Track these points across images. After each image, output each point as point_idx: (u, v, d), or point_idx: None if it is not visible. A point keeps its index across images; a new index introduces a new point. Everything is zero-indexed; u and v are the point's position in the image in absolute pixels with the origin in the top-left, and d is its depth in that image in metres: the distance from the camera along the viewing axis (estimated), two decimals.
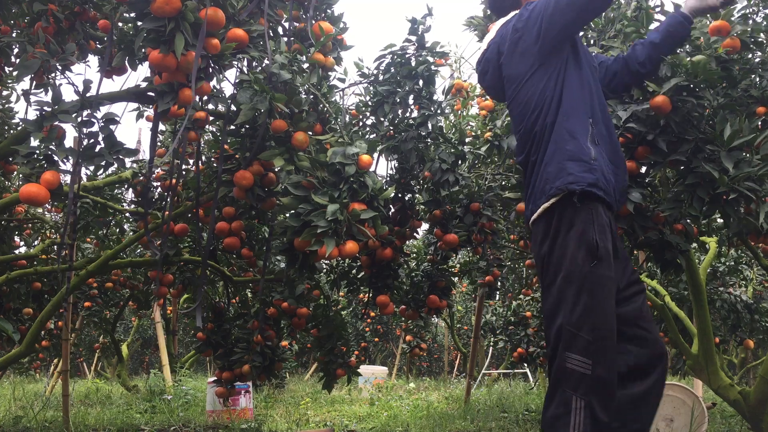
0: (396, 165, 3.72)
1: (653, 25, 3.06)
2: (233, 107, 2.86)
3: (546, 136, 2.24)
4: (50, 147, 2.32)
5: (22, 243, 5.31)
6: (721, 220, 3.40)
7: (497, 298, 8.13)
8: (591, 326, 2.07)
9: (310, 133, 2.85)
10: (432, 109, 3.44)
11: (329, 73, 3.06)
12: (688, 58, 2.55)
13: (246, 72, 2.80)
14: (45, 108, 2.32)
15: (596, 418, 2.03)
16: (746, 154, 2.58)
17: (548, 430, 2.09)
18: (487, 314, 7.83)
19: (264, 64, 2.77)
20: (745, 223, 2.72)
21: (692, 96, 2.58)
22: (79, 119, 2.38)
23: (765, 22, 2.92)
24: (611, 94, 2.67)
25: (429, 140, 3.49)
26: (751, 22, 2.91)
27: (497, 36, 2.46)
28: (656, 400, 2.24)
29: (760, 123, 2.75)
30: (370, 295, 3.74)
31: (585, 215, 2.13)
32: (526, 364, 7.80)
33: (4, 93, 3.95)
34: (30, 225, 5.18)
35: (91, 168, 3.33)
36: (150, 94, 2.73)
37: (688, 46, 2.68)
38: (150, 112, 4.04)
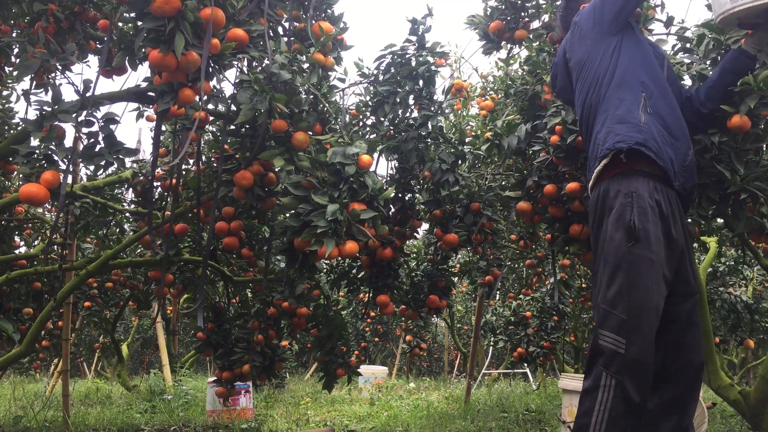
0: (396, 165, 3.72)
1: (653, 25, 3.06)
2: (233, 107, 2.86)
3: (599, 106, 2.35)
4: (50, 147, 2.32)
5: (22, 243, 5.30)
6: (721, 220, 3.40)
7: (497, 298, 8.12)
8: (626, 305, 2.09)
9: (310, 133, 2.85)
10: (432, 109, 3.44)
11: (329, 73, 3.06)
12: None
13: (246, 72, 2.80)
14: (45, 108, 2.32)
15: (628, 398, 2.04)
16: (754, 155, 2.60)
17: (581, 403, 2.14)
18: (487, 314, 7.83)
19: (264, 64, 2.77)
20: (751, 222, 2.73)
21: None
22: (79, 119, 2.38)
23: None
24: None
25: (429, 140, 3.49)
26: None
27: (563, 42, 2.68)
28: None
29: (762, 125, 2.75)
30: (370, 295, 3.73)
31: (624, 198, 2.17)
32: (526, 364, 7.79)
33: (4, 93, 3.95)
34: (30, 225, 5.18)
35: (91, 168, 3.33)
36: (150, 94, 2.72)
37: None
38: (150, 112, 4.04)
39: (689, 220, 2.93)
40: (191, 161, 4.12)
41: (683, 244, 2.26)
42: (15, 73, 3.54)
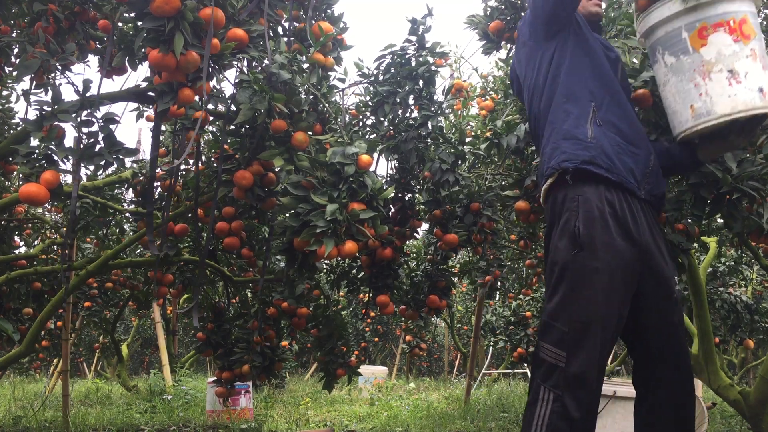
0: (396, 165, 3.72)
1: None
2: (233, 107, 2.86)
3: (545, 118, 2.23)
4: (50, 147, 2.32)
5: (22, 243, 5.31)
6: (721, 220, 3.40)
7: (497, 298, 8.12)
8: (567, 317, 1.98)
9: (310, 133, 2.85)
10: (432, 109, 3.44)
11: (329, 73, 3.06)
12: None
13: (246, 72, 2.80)
14: (45, 108, 2.32)
15: (567, 415, 1.94)
16: (748, 154, 2.59)
17: (524, 416, 2.06)
18: (487, 314, 7.83)
19: (264, 64, 2.77)
20: (748, 222, 2.72)
21: None
22: (79, 119, 2.38)
23: (765, 22, 2.92)
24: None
25: (429, 140, 3.49)
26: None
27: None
28: None
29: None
30: (370, 295, 3.74)
31: (570, 203, 2.06)
32: (526, 364, 7.79)
33: (4, 93, 3.95)
34: (30, 225, 5.18)
35: (91, 168, 3.33)
36: (150, 94, 2.72)
37: None
38: (150, 112, 4.04)
39: (688, 220, 2.93)
40: (191, 161, 4.12)
41: (651, 245, 2.11)
42: (15, 73, 3.54)
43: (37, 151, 2.34)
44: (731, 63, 1.98)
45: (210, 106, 3.10)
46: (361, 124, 3.64)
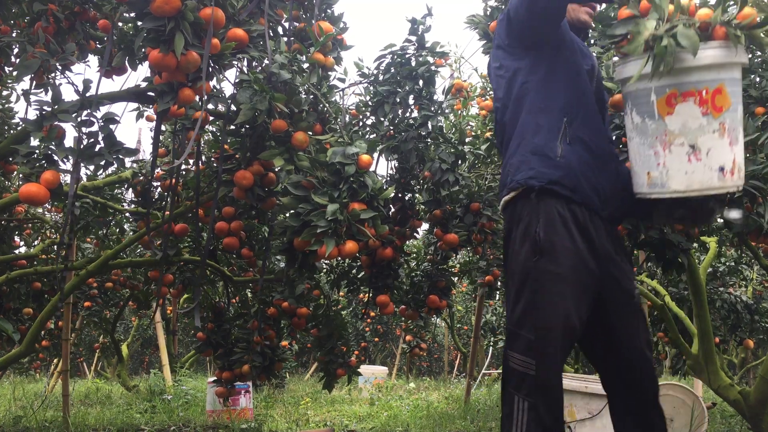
0: (396, 165, 3.72)
1: None
2: (233, 107, 2.86)
3: (512, 128, 2.17)
4: (50, 147, 2.32)
5: (22, 243, 5.31)
6: (722, 220, 3.40)
7: (497, 298, 8.13)
8: (532, 324, 1.98)
9: (310, 133, 2.85)
10: (432, 109, 3.44)
11: (329, 73, 3.06)
12: None
13: (246, 72, 2.80)
14: (45, 108, 2.32)
15: (541, 421, 1.94)
16: (748, 154, 2.59)
17: (501, 428, 2.06)
18: (487, 314, 7.83)
19: (264, 64, 2.77)
20: (748, 222, 2.72)
21: None
22: (79, 119, 2.38)
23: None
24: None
25: (429, 140, 3.49)
26: None
27: None
28: None
29: (760, 123, 2.75)
30: (370, 295, 3.74)
31: (531, 209, 2.04)
32: None
33: (4, 93, 3.95)
34: (30, 225, 5.18)
35: (91, 168, 3.33)
36: (150, 94, 2.72)
37: None
38: (150, 112, 4.04)
39: None
40: (191, 161, 4.12)
41: (611, 252, 2.10)
42: (15, 73, 3.54)
43: (37, 151, 2.34)
44: (695, 138, 1.83)
45: (210, 106, 3.10)
46: (361, 124, 3.64)
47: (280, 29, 3.12)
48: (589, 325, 2.10)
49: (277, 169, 3.00)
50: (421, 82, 3.45)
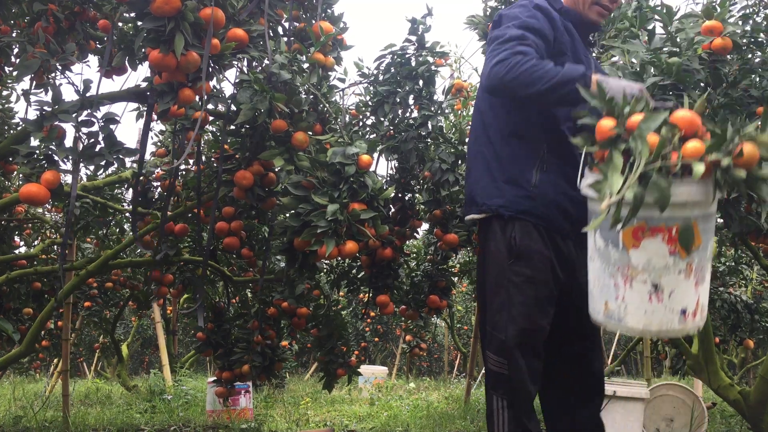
0: (396, 165, 3.72)
1: (651, 25, 3.06)
2: (233, 107, 2.86)
3: (487, 145, 2.17)
4: (50, 147, 2.32)
5: (22, 243, 5.30)
6: (721, 220, 3.40)
7: None
8: (504, 325, 2.03)
9: (310, 133, 2.85)
10: (432, 109, 3.44)
11: (329, 73, 3.06)
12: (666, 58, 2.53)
13: (246, 72, 2.80)
14: (45, 108, 2.32)
15: (519, 419, 2.00)
16: None
17: (488, 429, 2.12)
18: None
19: (264, 64, 2.77)
20: (746, 222, 2.72)
21: (676, 95, 2.56)
22: (79, 119, 2.38)
23: (765, 22, 2.92)
24: None
25: (429, 140, 3.49)
26: (751, 22, 2.91)
27: None
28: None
29: (759, 123, 2.74)
30: (370, 295, 3.74)
31: (503, 223, 2.09)
32: None
33: (4, 93, 3.95)
34: (30, 225, 5.18)
35: (91, 168, 3.33)
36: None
37: (668, 47, 2.66)
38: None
39: None
40: (191, 161, 4.12)
41: (576, 261, 2.14)
42: (15, 73, 3.54)
43: (37, 151, 2.34)
44: (659, 277, 1.67)
45: (210, 106, 3.11)
46: (361, 124, 3.64)
47: (280, 29, 3.12)
48: (555, 328, 2.15)
49: (277, 169, 3.00)
50: (421, 82, 3.45)
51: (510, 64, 1.91)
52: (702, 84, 2.67)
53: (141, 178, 4.12)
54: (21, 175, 4.34)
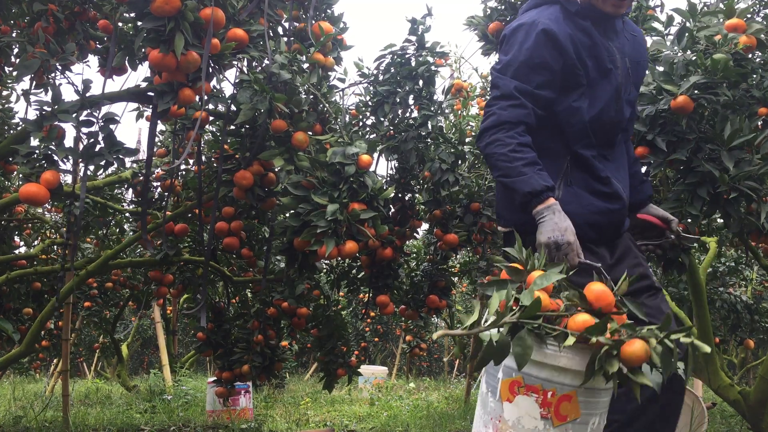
0: (396, 165, 3.72)
1: (653, 23, 3.06)
2: (233, 107, 2.86)
3: None
4: (50, 147, 2.32)
5: (22, 243, 5.31)
6: (721, 220, 3.40)
7: None
8: None
9: (310, 133, 2.85)
10: (432, 109, 3.44)
11: (329, 73, 3.06)
12: (706, 57, 2.53)
13: (246, 72, 2.80)
14: (45, 108, 2.32)
15: None
16: (746, 154, 2.59)
17: None
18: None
19: (264, 64, 2.77)
20: (746, 222, 2.72)
21: (711, 94, 2.56)
22: (79, 119, 2.38)
23: (765, 22, 2.92)
24: None
25: (429, 140, 3.49)
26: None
27: None
28: None
29: (760, 123, 2.75)
30: (370, 295, 3.74)
31: (527, 236, 2.00)
32: None
33: (4, 93, 3.95)
34: (30, 225, 5.18)
35: (91, 168, 3.33)
36: (150, 94, 2.73)
37: (703, 43, 2.65)
38: (150, 112, 4.04)
39: (688, 220, 2.93)
40: (191, 161, 4.12)
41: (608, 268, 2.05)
42: (15, 73, 3.54)
43: (37, 151, 2.34)
44: None
45: (210, 106, 3.11)
46: (361, 124, 3.64)
47: (280, 29, 3.12)
48: None
49: (277, 169, 3.00)
50: (421, 82, 3.45)
51: (489, 139, 1.96)
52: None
53: (141, 178, 4.12)
54: (21, 175, 4.34)
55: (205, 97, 2.38)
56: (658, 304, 2.06)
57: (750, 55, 2.71)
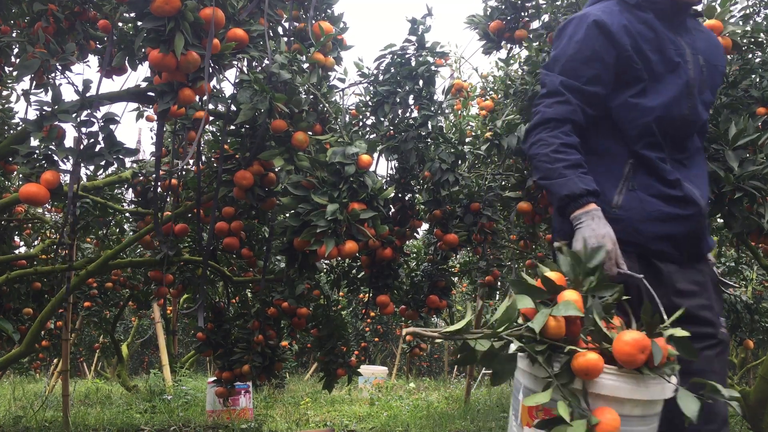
0: (396, 165, 3.72)
1: None
2: (233, 107, 2.86)
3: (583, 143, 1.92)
4: (50, 147, 2.32)
5: (22, 243, 5.30)
6: (721, 220, 3.40)
7: (497, 298, 8.13)
8: None
9: (310, 133, 2.85)
10: (432, 109, 3.44)
11: (329, 73, 3.06)
12: None
13: (246, 72, 2.80)
14: (45, 108, 2.32)
15: None
16: (748, 154, 2.59)
17: None
18: (487, 314, 7.83)
19: (264, 64, 2.77)
20: (747, 222, 2.72)
21: None
22: (79, 119, 2.38)
23: (765, 22, 2.92)
24: None
25: (429, 140, 3.49)
26: (751, 22, 2.92)
27: None
28: None
29: (760, 123, 2.75)
30: (370, 295, 3.74)
31: None
32: None
33: (4, 93, 3.95)
34: (30, 225, 5.18)
35: (91, 168, 3.33)
36: (150, 94, 2.73)
37: None
38: (150, 112, 4.04)
39: None
40: (191, 161, 4.12)
41: (675, 285, 1.89)
42: (15, 73, 3.54)
43: (37, 151, 2.34)
44: None
45: (210, 106, 3.11)
46: (361, 124, 3.63)
47: (280, 29, 3.12)
48: None
49: (277, 169, 3.00)
50: (421, 82, 3.45)
51: (533, 139, 1.85)
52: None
53: (142, 178, 4.12)
54: (21, 175, 4.34)
55: (206, 97, 2.38)
56: (711, 359, 1.84)
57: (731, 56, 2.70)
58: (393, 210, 3.73)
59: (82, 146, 2.40)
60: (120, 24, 3.01)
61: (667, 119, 1.87)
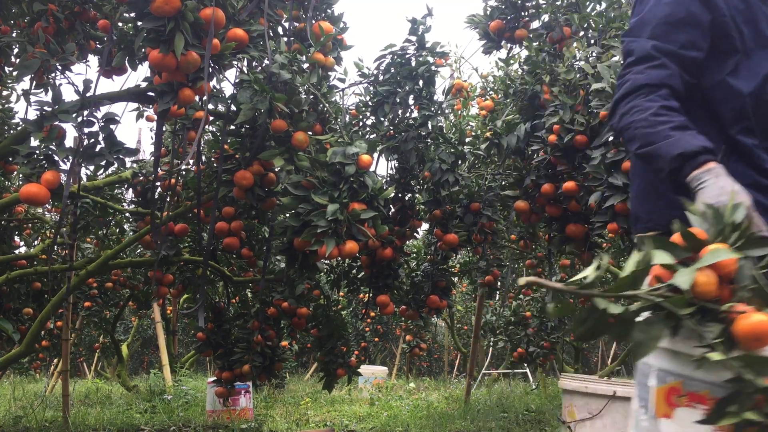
0: (396, 165, 3.72)
1: None
2: (233, 107, 2.86)
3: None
4: (50, 147, 2.32)
5: (22, 243, 5.31)
6: None
7: (497, 298, 8.13)
8: None
9: (310, 133, 2.85)
10: (432, 109, 3.44)
11: (329, 73, 3.06)
12: None
13: (246, 72, 2.80)
14: (45, 108, 2.32)
15: None
16: None
17: None
18: (487, 314, 7.83)
19: (264, 64, 2.77)
20: None
21: None
22: (79, 119, 2.38)
23: None
24: None
25: (429, 140, 3.49)
26: None
27: None
28: None
29: None
30: (370, 295, 3.74)
31: None
32: (526, 364, 7.80)
33: (4, 93, 3.95)
34: (30, 225, 5.18)
35: (91, 168, 3.33)
36: (150, 94, 2.73)
37: None
38: (150, 112, 4.04)
39: None
40: (191, 161, 4.12)
41: None
42: (15, 73, 3.54)
43: (37, 152, 2.34)
44: None
45: (210, 106, 3.11)
46: (361, 124, 3.64)
47: (280, 29, 3.12)
48: None
49: (277, 169, 3.00)
50: (421, 82, 3.45)
51: (623, 109, 1.57)
52: None
53: (142, 178, 4.12)
54: (21, 175, 4.34)
55: (206, 97, 2.38)
56: None
57: None
58: (393, 210, 3.73)
59: (82, 146, 2.40)
60: (120, 24, 3.00)
61: (760, 101, 1.65)
